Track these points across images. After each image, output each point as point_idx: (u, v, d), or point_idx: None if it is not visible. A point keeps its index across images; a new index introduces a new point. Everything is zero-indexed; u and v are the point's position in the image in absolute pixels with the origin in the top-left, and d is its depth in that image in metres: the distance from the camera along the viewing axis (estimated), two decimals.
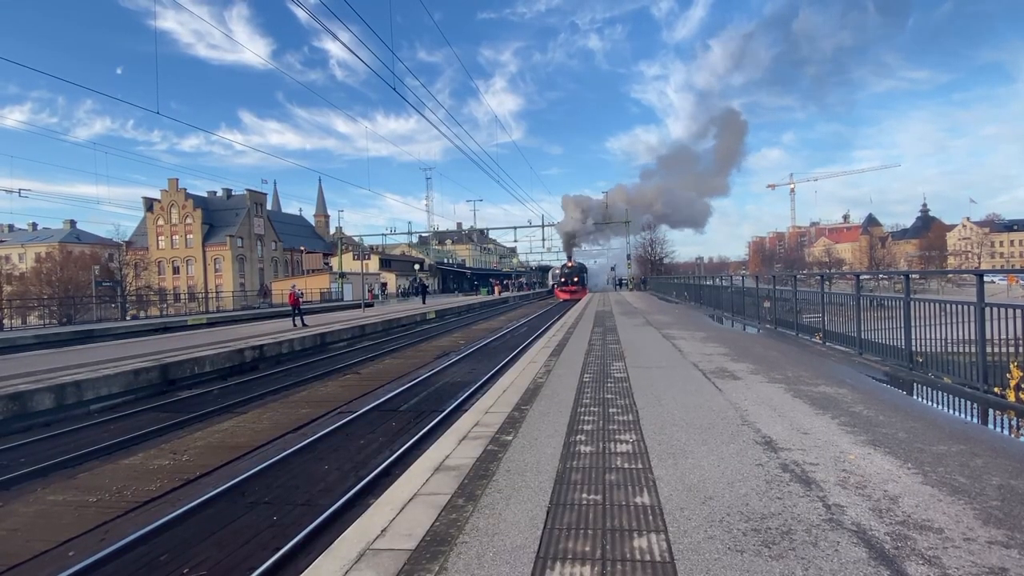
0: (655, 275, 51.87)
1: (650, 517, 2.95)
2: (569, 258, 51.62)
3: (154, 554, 4.23)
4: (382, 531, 2.92)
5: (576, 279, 47.05)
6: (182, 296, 54.05)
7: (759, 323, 13.23)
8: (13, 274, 55.31)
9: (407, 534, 2.86)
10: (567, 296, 44.75)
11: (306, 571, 2.59)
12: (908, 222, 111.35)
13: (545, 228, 54.71)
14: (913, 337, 6.84)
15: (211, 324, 24.32)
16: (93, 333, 20.34)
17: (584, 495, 3.29)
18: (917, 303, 6.84)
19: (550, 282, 64.18)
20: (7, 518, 5.11)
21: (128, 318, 32.39)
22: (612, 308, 22.64)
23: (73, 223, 71.97)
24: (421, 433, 6.99)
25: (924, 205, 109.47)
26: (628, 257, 58.06)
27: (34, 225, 75.19)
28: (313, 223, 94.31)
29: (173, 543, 4.37)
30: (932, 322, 6.50)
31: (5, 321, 30.41)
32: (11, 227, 76.19)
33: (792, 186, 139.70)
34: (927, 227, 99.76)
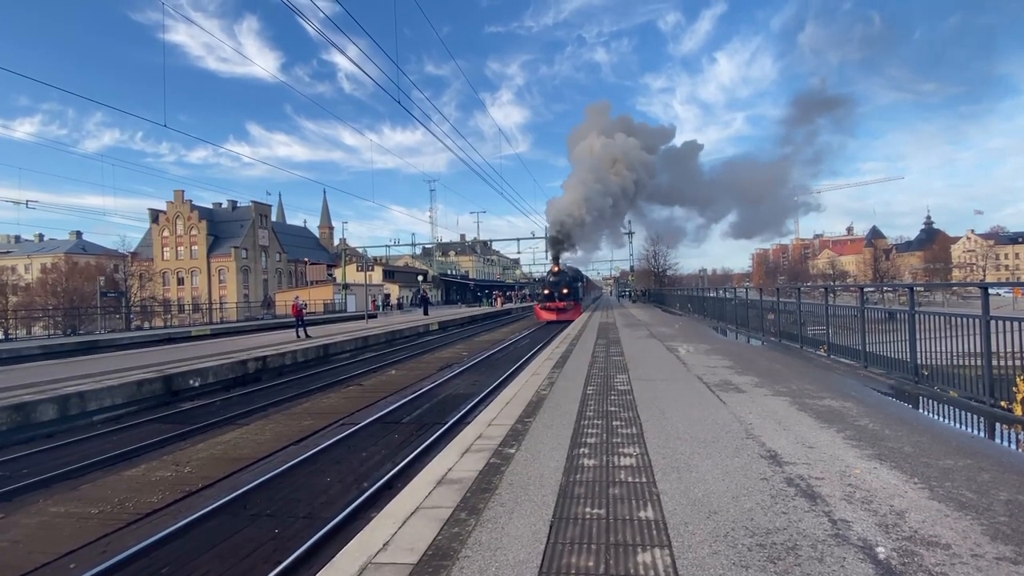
0: (658, 287, 51.59)
1: (654, 532, 2.93)
2: (555, 260, 32.52)
3: (155, 567, 4.21)
4: (384, 545, 2.91)
5: (565, 290, 30.73)
6: (186, 307, 54.19)
7: (763, 336, 13.18)
8: (19, 285, 55.74)
9: (409, 548, 2.85)
10: (553, 317, 30.01)
11: None
12: (913, 234, 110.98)
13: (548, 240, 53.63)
14: (918, 350, 6.80)
15: (214, 335, 24.37)
16: (97, 344, 20.41)
17: (588, 509, 3.27)
18: (922, 316, 6.81)
19: None
20: (9, 529, 5.10)
21: (133, 329, 32.49)
22: (615, 320, 22.60)
23: (79, 234, 72.60)
24: (424, 445, 6.97)
25: (928, 217, 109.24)
26: (631, 269, 58.04)
27: (41, 236, 75.87)
28: (317, 235, 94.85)
29: (174, 556, 4.36)
30: (937, 335, 6.46)
31: (11, 331, 30.55)
32: (18, 238, 76.90)
33: (796, 198, 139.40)
34: (931, 239, 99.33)
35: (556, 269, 32.00)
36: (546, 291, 31.68)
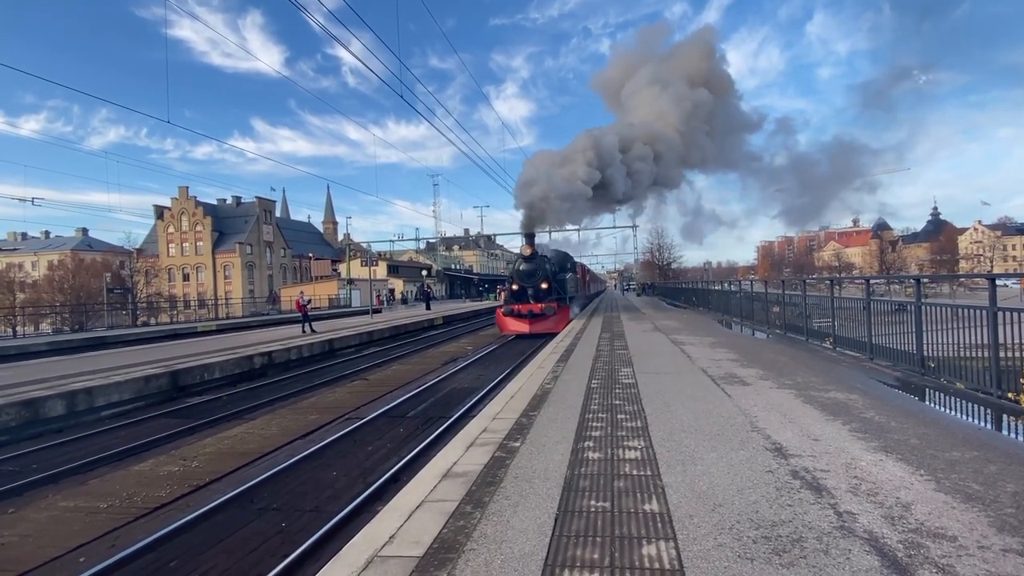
0: (663, 280, 51.45)
1: (659, 524, 2.93)
2: (528, 241, 20.05)
3: (163, 560, 4.25)
4: (390, 538, 2.92)
5: (544, 285, 19.49)
6: (192, 303, 54.48)
7: (768, 328, 13.14)
8: (26, 282, 56.10)
9: (415, 541, 2.86)
10: (523, 328, 18.96)
11: None
12: (919, 226, 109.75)
13: (552, 233, 53.14)
14: (925, 342, 6.77)
15: (220, 331, 24.47)
16: (104, 340, 20.54)
17: (592, 502, 3.28)
18: (928, 308, 6.77)
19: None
20: (19, 524, 5.16)
21: (139, 325, 32.68)
22: (619, 314, 22.57)
23: (85, 231, 72.95)
24: (429, 439, 6.99)
25: (935, 208, 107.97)
26: (635, 262, 57.93)
27: (47, 233, 76.19)
28: (322, 230, 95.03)
29: (182, 549, 4.40)
30: (944, 327, 6.43)
31: (18, 328, 30.80)
32: (24, 235, 77.20)
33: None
34: (938, 231, 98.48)
35: (529, 251, 19.92)
36: (514, 286, 19.94)
